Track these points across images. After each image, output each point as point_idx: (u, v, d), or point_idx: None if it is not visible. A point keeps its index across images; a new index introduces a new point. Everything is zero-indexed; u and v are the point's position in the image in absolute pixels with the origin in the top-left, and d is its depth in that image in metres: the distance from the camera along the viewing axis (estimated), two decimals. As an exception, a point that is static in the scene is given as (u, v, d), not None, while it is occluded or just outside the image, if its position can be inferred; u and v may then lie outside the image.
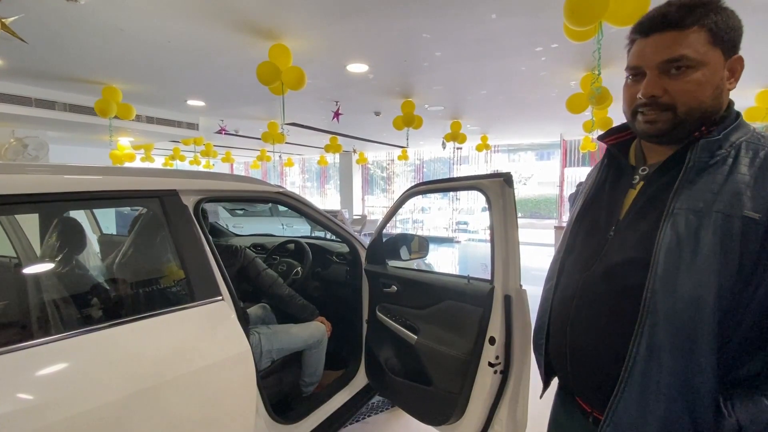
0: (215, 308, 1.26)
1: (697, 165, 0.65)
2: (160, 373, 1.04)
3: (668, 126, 0.68)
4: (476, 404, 1.43)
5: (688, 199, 0.64)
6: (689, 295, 0.60)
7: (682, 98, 0.66)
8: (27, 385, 0.86)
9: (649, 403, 0.63)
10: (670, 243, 0.63)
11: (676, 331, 0.61)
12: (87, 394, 0.91)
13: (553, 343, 0.82)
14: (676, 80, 0.66)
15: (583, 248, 0.81)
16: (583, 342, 0.74)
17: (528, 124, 6.72)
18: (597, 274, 0.74)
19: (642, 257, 0.66)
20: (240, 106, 5.20)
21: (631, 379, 0.64)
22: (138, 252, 1.47)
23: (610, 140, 0.83)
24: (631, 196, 0.76)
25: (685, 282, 0.61)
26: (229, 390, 1.21)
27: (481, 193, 1.35)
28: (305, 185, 16.02)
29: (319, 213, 1.88)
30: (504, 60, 3.38)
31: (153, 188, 1.26)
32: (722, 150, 0.65)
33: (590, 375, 0.74)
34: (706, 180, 0.64)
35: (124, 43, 2.91)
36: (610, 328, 0.70)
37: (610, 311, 0.71)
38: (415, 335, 1.61)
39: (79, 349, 0.96)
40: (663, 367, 0.62)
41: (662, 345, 0.62)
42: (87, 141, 6.20)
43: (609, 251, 0.74)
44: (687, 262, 0.61)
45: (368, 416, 2.30)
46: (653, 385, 0.63)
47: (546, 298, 0.86)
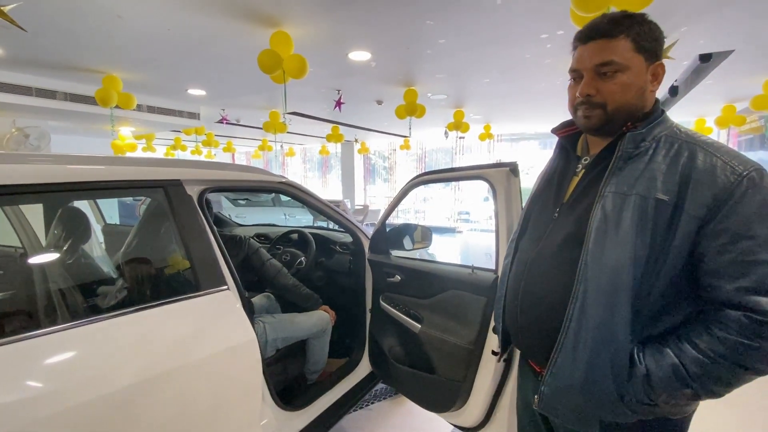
0: (221, 297, 1.27)
1: (624, 154, 0.76)
2: (167, 362, 1.05)
3: (600, 121, 0.78)
4: (479, 392, 1.44)
5: (615, 184, 0.75)
6: (612, 264, 0.72)
7: (611, 97, 0.77)
8: (33, 374, 0.86)
9: (579, 353, 0.75)
10: (600, 221, 0.74)
11: (601, 294, 0.72)
12: (93, 383, 0.92)
13: (508, 313, 0.94)
14: (606, 82, 0.77)
15: (533, 228, 0.93)
16: (531, 310, 0.86)
17: (532, 112, 6.65)
18: (542, 251, 0.86)
19: (578, 234, 0.77)
20: (241, 95, 5.16)
21: (567, 335, 0.76)
22: (143, 242, 1.47)
23: (562, 133, 0.94)
24: (574, 182, 0.87)
25: (609, 253, 0.72)
26: (235, 378, 1.23)
27: (486, 182, 1.34)
28: (307, 175, 15.98)
29: (322, 203, 1.87)
30: (509, 47, 3.33)
31: (157, 178, 1.25)
32: (645, 142, 0.76)
33: (537, 338, 0.86)
34: (631, 167, 0.75)
35: (123, 30, 2.87)
36: (553, 296, 0.81)
37: (553, 282, 0.82)
38: (419, 324, 1.62)
39: (85, 339, 0.97)
40: (590, 324, 0.74)
41: (590, 306, 0.73)
42: (88, 131, 6.18)
43: (553, 230, 0.85)
44: (611, 236, 0.72)
45: (372, 403, 2.34)
46: (582, 338, 0.74)
47: (504, 273, 0.99)
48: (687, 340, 0.70)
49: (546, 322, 0.82)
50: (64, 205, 1.60)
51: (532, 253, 0.87)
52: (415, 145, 10.96)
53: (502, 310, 0.96)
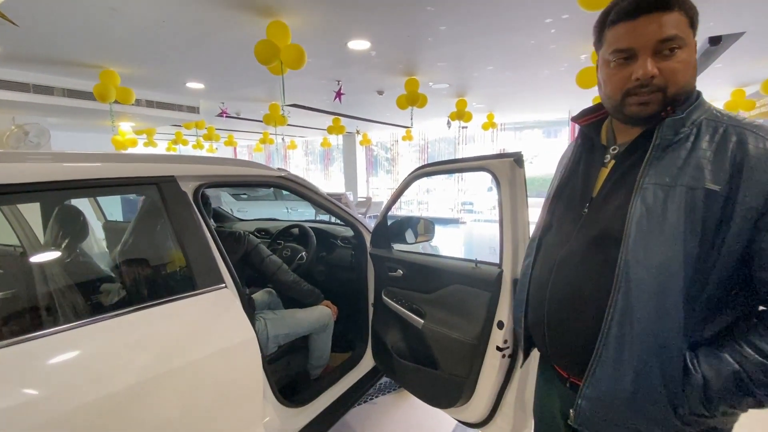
0: (218, 296, 1.24)
1: (663, 142, 0.69)
2: (163, 364, 1.03)
3: (659, 107, 0.70)
4: (484, 388, 1.42)
5: (655, 175, 0.68)
6: (658, 263, 0.65)
7: (673, 78, 0.68)
8: (28, 377, 0.84)
9: (623, 364, 0.68)
10: (641, 216, 0.67)
11: (646, 296, 0.66)
12: (87, 387, 0.90)
13: (532, 317, 0.87)
14: (667, 61, 0.68)
15: (559, 225, 0.85)
16: (561, 314, 0.79)
17: (536, 100, 6.54)
18: (573, 250, 0.78)
19: (615, 231, 0.71)
20: (240, 88, 5.10)
21: (607, 343, 0.69)
22: (139, 240, 1.45)
23: (583, 121, 0.86)
24: (603, 174, 0.80)
25: (654, 251, 0.66)
26: (235, 376, 1.21)
27: (489, 174, 1.30)
28: (309, 168, 15.93)
29: (322, 197, 1.84)
30: (512, 33, 3.23)
31: (150, 175, 1.22)
32: (685, 128, 0.69)
33: (568, 344, 0.79)
34: (672, 156, 0.68)
35: (118, 24, 2.82)
36: (587, 299, 0.75)
37: (586, 283, 0.75)
38: (422, 319, 1.59)
39: (79, 342, 0.95)
40: (635, 331, 0.67)
41: (634, 310, 0.67)
42: (88, 127, 6.15)
43: (584, 227, 0.78)
44: (655, 232, 0.66)
45: (376, 397, 2.33)
46: (626, 347, 0.67)
47: (524, 274, 0.92)
48: (747, 343, 0.63)
49: (579, 328, 0.76)
50: (60, 204, 1.58)
51: (560, 253, 0.80)
52: (418, 135, 10.86)
53: (524, 313, 0.90)
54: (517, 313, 0.94)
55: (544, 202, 0.93)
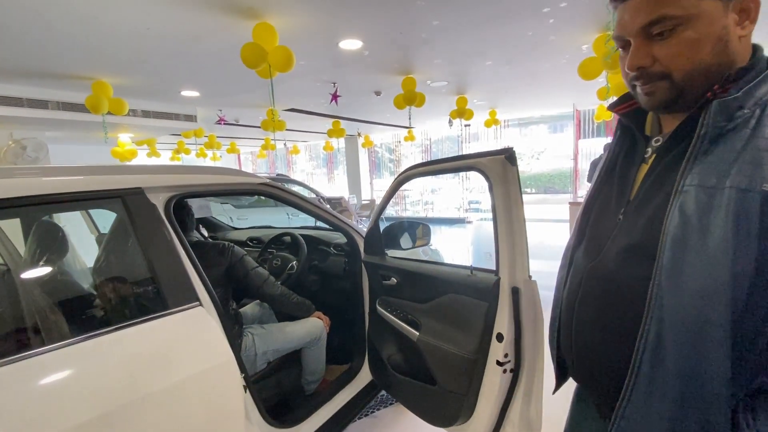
0: (192, 315, 1.15)
1: (711, 131, 0.54)
2: (131, 390, 0.95)
3: (668, 95, 0.59)
4: (485, 405, 1.31)
5: (699, 174, 0.54)
6: (698, 287, 0.51)
7: (676, 63, 0.57)
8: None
9: (654, 406, 0.56)
10: (677, 227, 0.54)
11: (683, 329, 0.53)
12: (51, 416, 0.82)
13: (563, 339, 0.76)
14: (663, 44, 0.57)
15: (591, 235, 0.73)
16: (588, 341, 0.68)
17: (538, 95, 6.38)
18: (600, 266, 0.66)
19: (648, 245, 0.58)
20: (236, 94, 5.05)
21: (637, 380, 0.57)
22: (109, 258, 1.37)
23: (622, 109, 0.72)
24: (643, 172, 0.67)
25: (692, 272, 0.52)
26: (211, 401, 1.11)
27: (480, 174, 1.19)
28: (314, 172, 15.91)
29: (309, 203, 1.74)
30: (509, 25, 3.11)
31: (112, 188, 1.13)
32: (744, 110, 0.53)
33: (596, 376, 0.68)
34: (723, 149, 0.53)
35: (102, 32, 2.77)
36: (614, 325, 0.63)
37: (614, 307, 0.63)
38: (417, 331, 1.49)
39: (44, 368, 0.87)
40: (669, 371, 0.54)
41: (668, 345, 0.54)
42: (86, 139, 6.16)
43: (617, 237, 0.65)
44: (695, 248, 0.52)
45: (377, 410, 2.22)
46: (659, 387, 0.55)
47: (558, 289, 0.80)
48: None
49: (606, 359, 0.65)
50: (38, 220, 1.52)
51: (590, 266, 0.68)
52: (421, 135, 10.74)
53: (557, 333, 0.78)
54: (551, 332, 0.81)
55: (580, 207, 0.81)
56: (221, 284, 1.55)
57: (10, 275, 1.63)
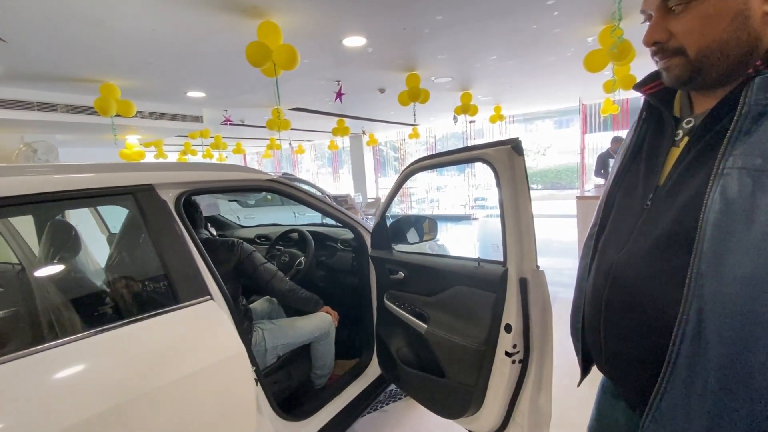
0: (203, 309, 1.17)
1: (755, 110, 0.51)
2: (143, 382, 0.96)
3: (684, 72, 0.58)
4: (494, 396, 1.31)
5: (742, 156, 0.50)
6: (743, 276, 0.49)
7: (689, 39, 0.56)
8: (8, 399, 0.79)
9: (695, 399, 0.53)
10: (720, 213, 0.51)
11: (726, 319, 0.50)
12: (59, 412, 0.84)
13: (589, 331, 0.73)
14: (678, 19, 0.57)
15: (616, 222, 0.71)
16: (617, 333, 0.65)
17: (543, 89, 6.34)
18: (633, 252, 0.63)
19: (684, 231, 0.55)
20: (241, 94, 5.08)
21: (675, 372, 0.55)
22: (121, 254, 1.39)
23: (649, 89, 0.69)
24: (673, 156, 0.64)
25: (736, 260, 0.49)
26: (222, 394, 1.13)
27: (487, 164, 1.19)
28: (319, 171, 15.96)
29: (317, 199, 1.76)
30: (512, 18, 3.10)
31: (124, 184, 1.15)
32: None
33: (627, 369, 0.66)
34: (766, 129, 0.50)
35: (109, 35, 2.80)
36: (649, 316, 0.60)
37: (648, 297, 0.60)
38: (425, 324, 1.49)
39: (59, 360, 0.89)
40: (712, 360, 0.51)
41: (709, 335, 0.51)
42: (95, 141, 6.25)
43: (645, 225, 0.63)
44: (740, 234, 0.49)
45: (387, 404, 2.23)
46: (700, 379, 0.52)
47: (581, 278, 0.77)
48: None
49: (639, 350, 0.62)
50: (52, 219, 1.55)
51: (616, 256, 0.66)
52: (425, 132, 10.72)
53: (581, 324, 0.76)
54: (575, 323, 0.79)
55: (602, 195, 0.78)
56: (231, 280, 1.57)
57: (25, 273, 1.67)
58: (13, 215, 1.45)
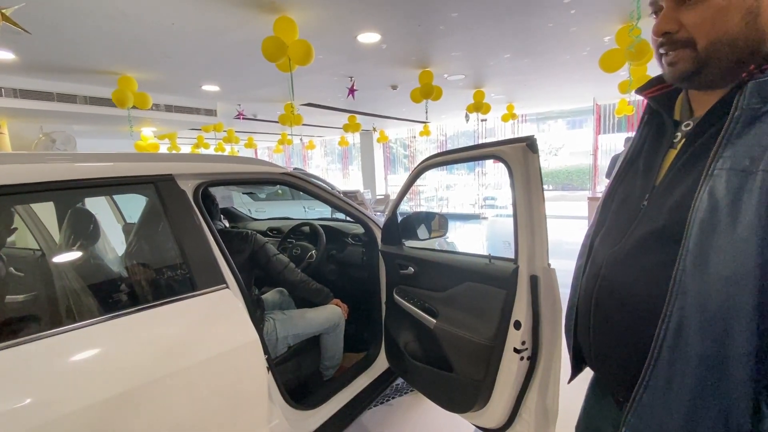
0: (219, 297, 1.20)
1: (746, 114, 0.52)
2: (161, 365, 1.00)
3: (691, 66, 0.58)
4: (502, 392, 1.32)
5: (732, 157, 0.52)
6: (724, 274, 0.51)
7: (700, 30, 0.56)
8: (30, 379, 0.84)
9: (674, 393, 0.55)
10: (706, 212, 0.53)
11: (707, 314, 0.52)
12: (83, 389, 0.88)
13: (580, 327, 0.75)
14: (690, 10, 0.57)
15: (613, 221, 0.72)
16: (606, 328, 0.68)
17: (558, 88, 6.27)
18: (622, 251, 0.65)
19: (673, 229, 0.57)
20: (255, 89, 5.13)
21: (656, 367, 0.57)
22: (140, 242, 1.43)
23: (651, 92, 0.71)
24: (671, 158, 0.65)
25: (720, 257, 0.51)
26: (236, 379, 1.17)
27: (501, 161, 1.19)
28: (329, 167, 16.02)
29: (330, 194, 1.78)
30: (528, 16, 3.08)
31: (146, 174, 1.19)
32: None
33: (614, 363, 0.68)
34: (758, 132, 0.51)
35: (130, 28, 2.86)
36: (634, 312, 0.63)
37: (634, 293, 0.63)
38: (434, 319, 1.51)
39: (78, 343, 0.93)
40: (691, 355, 0.53)
41: (691, 331, 0.53)
42: (111, 133, 6.36)
43: (640, 223, 0.64)
44: (724, 233, 0.51)
45: (393, 398, 2.26)
46: (679, 374, 0.55)
47: (576, 277, 0.79)
48: None
49: (625, 346, 0.64)
50: (72, 207, 1.59)
51: (610, 254, 0.67)
52: (436, 130, 10.69)
53: (573, 323, 0.78)
54: (568, 321, 0.81)
55: (602, 196, 0.80)
56: (244, 270, 1.60)
57: (45, 259, 1.72)
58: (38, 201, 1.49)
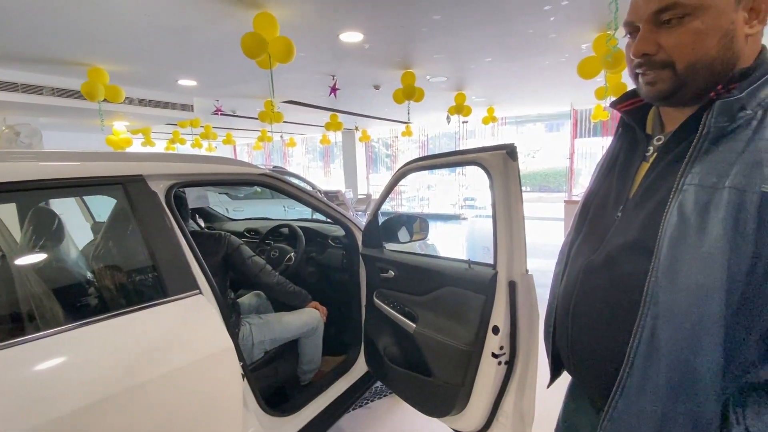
0: (191, 303, 1.16)
1: (714, 131, 0.55)
2: (131, 376, 0.95)
3: (669, 86, 0.60)
4: (479, 396, 1.33)
5: (700, 173, 0.55)
6: (694, 285, 0.53)
7: (679, 53, 0.58)
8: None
9: (646, 399, 0.57)
10: (676, 226, 0.55)
11: (677, 325, 0.54)
12: (39, 406, 0.82)
13: (559, 335, 0.77)
14: (670, 33, 0.58)
15: (589, 231, 0.75)
16: (584, 335, 0.70)
17: (537, 93, 6.40)
18: (598, 261, 0.67)
19: (645, 242, 0.59)
20: (234, 85, 5.00)
21: (631, 374, 0.59)
22: (108, 245, 1.37)
23: (624, 107, 0.73)
24: (643, 171, 0.68)
25: (689, 270, 0.53)
26: (210, 388, 1.13)
27: (481, 168, 1.20)
28: (310, 166, 15.84)
29: (310, 195, 1.75)
30: (509, 22, 3.12)
31: (114, 174, 1.13)
32: (746, 111, 0.54)
33: (592, 370, 0.70)
34: (724, 149, 0.54)
35: (100, 17, 2.73)
36: (610, 320, 0.65)
37: (610, 302, 0.65)
38: (414, 323, 1.51)
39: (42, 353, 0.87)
40: (663, 363, 0.56)
41: (662, 340, 0.56)
42: (81, 126, 6.08)
43: (615, 234, 0.67)
44: (692, 246, 0.53)
45: (371, 401, 2.25)
46: (652, 381, 0.57)
47: (555, 285, 0.81)
48: None
49: (602, 353, 0.66)
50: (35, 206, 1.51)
51: (587, 262, 0.69)
52: (418, 131, 10.73)
53: (552, 329, 0.79)
54: (547, 328, 0.82)
55: (579, 203, 0.82)
56: (218, 273, 1.55)
57: (5, 261, 1.62)
58: (0, 202, 1.41)
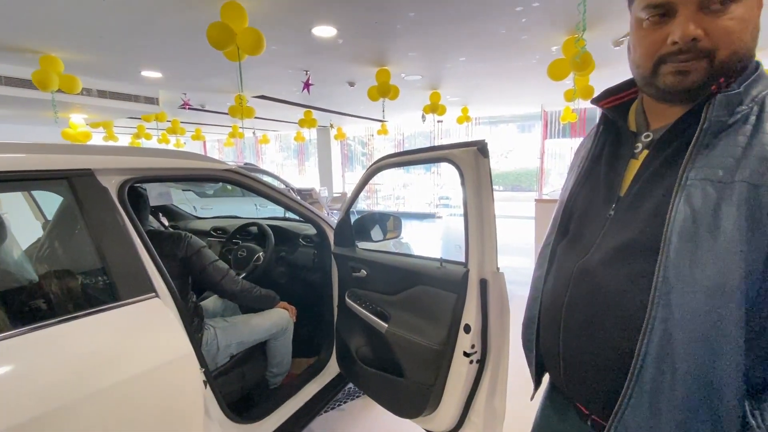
0: (146, 307, 1.08)
1: (715, 126, 0.54)
2: (78, 387, 0.88)
3: (703, 77, 0.55)
4: (451, 396, 1.32)
5: (704, 168, 0.53)
6: (710, 284, 0.50)
7: (725, 41, 0.54)
8: None
9: (662, 409, 0.53)
10: (685, 222, 0.53)
11: (693, 327, 0.51)
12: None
13: (544, 341, 0.73)
14: (717, 18, 0.53)
15: (577, 231, 0.71)
16: (579, 342, 0.65)
17: (509, 93, 6.52)
18: (594, 262, 0.64)
19: (649, 239, 0.56)
20: (202, 78, 4.81)
21: (638, 385, 0.55)
22: (54, 245, 1.26)
23: (606, 103, 0.72)
24: (633, 168, 0.65)
25: (704, 267, 0.51)
26: (167, 398, 1.05)
27: (452, 165, 1.18)
28: (284, 163, 15.54)
29: (279, 192, 1.68)
30: (482, 22, 3.14)
31: (58, 168, 1.04)
32: (743, 106, 0.54)
33: (588, 379, 0.65)
34: (726, 143, 0.53)
35: (54, 2, 2.54)
36: (611, 325, 0.60)
37: (611, 305, 0.60)
38: (386, 323, 1.48)
39: None
40: (678, 372, 0.52)
41: (677, 344, 0.52)
42: (34, 118, 5.68)
43: (609, 234, 0.64)
44: (706, 243, 0.51)
45: (344, 402, 2.21)
46: (666, 392, 0.53)
47: (536, 288, 0.77)
48: None
49: (603, 359, 0.61)
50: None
51: (579, 264, 0.66)
52: (394, 130, 10.73)
53: (535, 335, 0.75)
54: (528, 335, 0.78)
55: (558, 203, 0.78)
56: (178, 276, 1.46)
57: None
58: None
